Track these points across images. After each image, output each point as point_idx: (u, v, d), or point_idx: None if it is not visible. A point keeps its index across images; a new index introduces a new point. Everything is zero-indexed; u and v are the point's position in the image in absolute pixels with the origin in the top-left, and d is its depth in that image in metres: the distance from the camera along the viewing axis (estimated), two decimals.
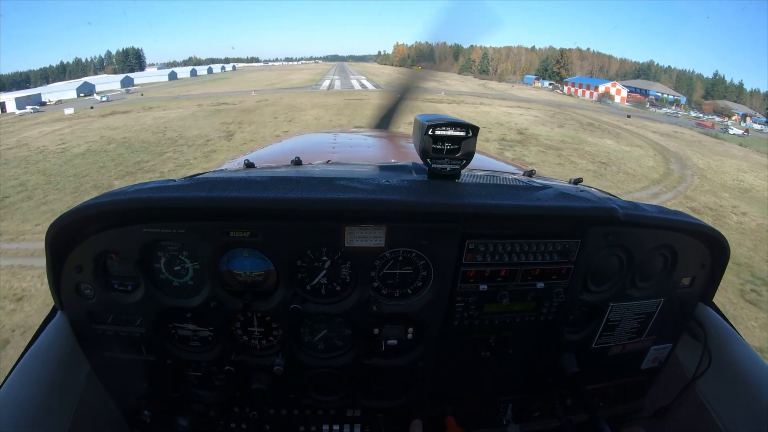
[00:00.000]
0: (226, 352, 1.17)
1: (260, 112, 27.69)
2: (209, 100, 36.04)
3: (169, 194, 0.94)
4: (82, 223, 0.97)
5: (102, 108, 36.68)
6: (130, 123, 26.19)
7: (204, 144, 19.58)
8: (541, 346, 1.27)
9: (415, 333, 1.19)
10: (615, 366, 1.36)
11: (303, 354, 1.19)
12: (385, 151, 2.32)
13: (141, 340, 1.14)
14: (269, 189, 0.97)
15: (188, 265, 1.07)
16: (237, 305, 1.08)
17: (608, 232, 1.11)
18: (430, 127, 1.03)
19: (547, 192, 1.09)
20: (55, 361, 1.04)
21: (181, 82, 76.61)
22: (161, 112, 30.62)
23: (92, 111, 34.76)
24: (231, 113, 27.85)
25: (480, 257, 1.08)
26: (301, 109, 28.75)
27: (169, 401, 1.26)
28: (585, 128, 28.86)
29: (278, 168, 1.39)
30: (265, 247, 1.04)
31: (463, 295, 1.11)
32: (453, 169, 1.09)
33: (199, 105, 33.51)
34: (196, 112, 29.58)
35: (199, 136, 20.97)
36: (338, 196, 0.96)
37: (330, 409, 1.30)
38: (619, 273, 1.21)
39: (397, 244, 1.05)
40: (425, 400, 1.31)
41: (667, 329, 1.35)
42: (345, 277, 1.10)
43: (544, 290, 1.13)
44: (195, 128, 23.05)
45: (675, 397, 1.34)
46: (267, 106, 30.43)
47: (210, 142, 19.94)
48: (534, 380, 1.33)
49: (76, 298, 1.07)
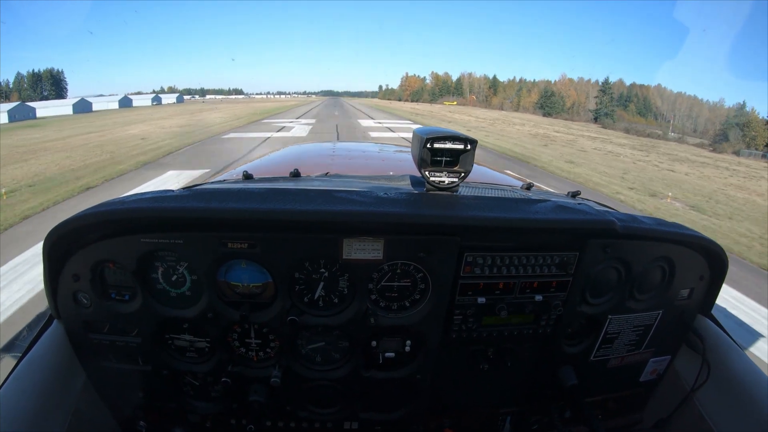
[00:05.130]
0: (223, 363, 1.16)
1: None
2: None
3: (167, 204, 0.94)
4: (80, 231, 0.96)
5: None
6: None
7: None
8: (540, 358, 1.26)
9: (413, 346, 1.18)
10: (614, 378, 1.35)
11: (300, 366, 1.19)
12: (383, 163, 2.29)
13: (137, 350, 1.13)
14: (268, 200, 0.96)
15: (186, 276, 1.06)
16: (234, 316, 1.07)
17: (606, 245, 1.11)
18: (428, 140, 1.03)
19: (545, 205, 1.09)
20: (51, 371, 1.03)
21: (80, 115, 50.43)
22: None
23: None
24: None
25: (478, 270, 1.07)
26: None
27: (164, 412, 1.25)
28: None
29: (277, 179, 1.40)
30: (263, 259, 1.03)
31: (462, 308, 1.10)
32: (451, 182, 1.09)
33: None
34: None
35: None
36: (336, 208, 0.96)
37: (327, 421, 1.28)
38: (617, 285, 1.21)
39: (395, 256, 1.04)
40: (423, 412, 1.30)
41: (666, 341, 1.34)
42: (343, 289, 1.09)
43: (542, 303, 1.13)
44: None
45: (674, 409, 1.33)
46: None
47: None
48: (532, 393, 1.32)
49: (73, 307, 1.07)
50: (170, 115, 39.85)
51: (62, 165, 12.53)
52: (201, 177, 9.25)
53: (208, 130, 22.79)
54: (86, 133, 23.74)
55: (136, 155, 13.89)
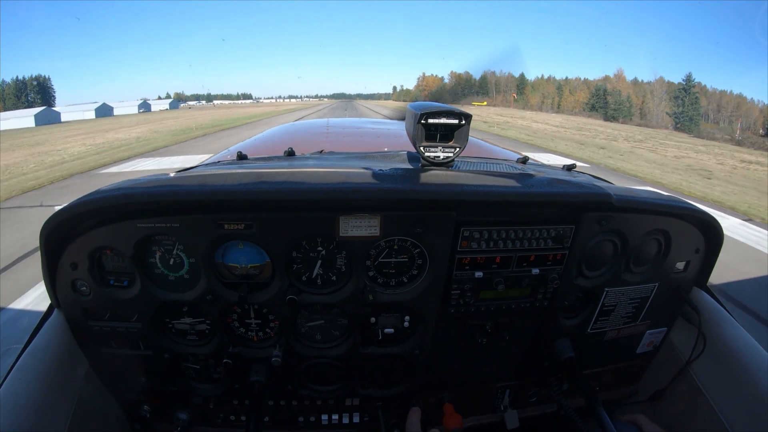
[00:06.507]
0: (224, 344, 1.16)
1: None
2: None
3: (161, 188, 0.93)
4: (75, 219, 0.96)
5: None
6: None
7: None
8: (537, 332, 1.27)
9: (411, 321, 1.18)
10: (610, 351, 1.36)
11: (300, 345, 1.19)
12: (378, 139, 2.26)
13: (138, 336, 1.13)
14: (263, 181, 0.96)
15: (183, 259, 1.06)
16: (233, 298, 1.07)
17: (602, 218, 1.10)
18: (422, 116, 1.02)
19: (541, 178, 1.09)
20: (53, 360, 1.03)
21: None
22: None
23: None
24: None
25: (475, 244, 1.07)
26: None
27: (168, 395, 1.25)
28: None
29: (271, 159, 1.38)
30: (260, 239, 1.02)
31: (459, 283, 1.10)
32: (446, 158, 1.09)
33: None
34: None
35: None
36: (332, 185, 0.95)
37: (328, 398, 1.29)
38: (613, 258, 1.21)
39: (392, 232, 1.04)
40: (423, 387, 1.31)
41: (662, 313, 1.34)
42: (340, 267, 1.09)
43: (539, 276, 1.13)
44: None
45: (670, 380, 1.34)
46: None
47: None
48: (530, 366, 1.33)
49: (73, 296, 1.06)
50: (109, 129, 30.94)
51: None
52: None
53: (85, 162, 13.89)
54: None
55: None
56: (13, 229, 6.55)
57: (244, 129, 25.92)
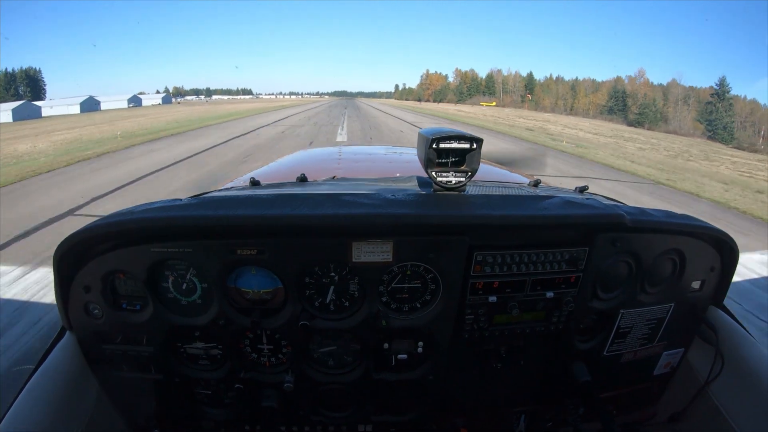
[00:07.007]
0: (235, 369, 1.16)
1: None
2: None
3: (175, 213, 0.94)
4: (89, 243, 0.97)
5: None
6: None
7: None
8: (552, 355, 1.25)
9: (425, 346, 1.17)
10: (627, 373, 1.35)
11: (313, 370, 1.18)
12: (390, 165, 2.28)
13: (150, 359, 1.13)
14: (276, 206, 0.97)
15: (196, 284, 1.06)
16: (245, 323, 1.08)
17: (616, 239, 1.10)
18: (433, 141, 1.03)
19: (553, 201, 1.09)
20: (64, 382, 1.03)
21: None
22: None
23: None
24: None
25: (488, 268, 1.06)
26: None
27: (178, 420, 1.25)
28: None
29: (284, 185, 1.39)
30: (273, 265, 1.03)
31: (473, 307, 1.10)
32: (458, 182, 1.09)
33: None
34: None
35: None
36: (344, 211, 0.96)
37: (341, 425, 1.28)
38: (628, 279, 1.20)
39: (405, 258, 1.04)
40: (437, 413, 1.29)
41: (679, 334, 1.33)
42: (353, 292, 1.09)
43: (553, 299, 1.12)
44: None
45: (689, 401, 1.32)
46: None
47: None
48: (546, 390, 1.31)
49: (85, 318, 1.07)
50: (71, 127, 26.31)
51: None
52: None
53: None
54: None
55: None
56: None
57: (192, 136, 17.39)
